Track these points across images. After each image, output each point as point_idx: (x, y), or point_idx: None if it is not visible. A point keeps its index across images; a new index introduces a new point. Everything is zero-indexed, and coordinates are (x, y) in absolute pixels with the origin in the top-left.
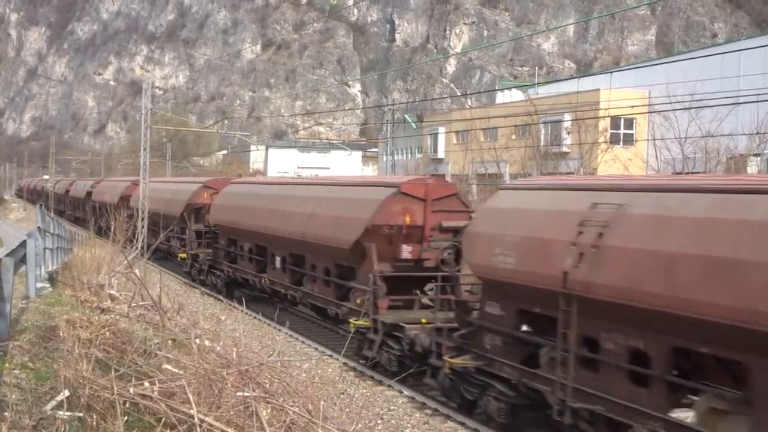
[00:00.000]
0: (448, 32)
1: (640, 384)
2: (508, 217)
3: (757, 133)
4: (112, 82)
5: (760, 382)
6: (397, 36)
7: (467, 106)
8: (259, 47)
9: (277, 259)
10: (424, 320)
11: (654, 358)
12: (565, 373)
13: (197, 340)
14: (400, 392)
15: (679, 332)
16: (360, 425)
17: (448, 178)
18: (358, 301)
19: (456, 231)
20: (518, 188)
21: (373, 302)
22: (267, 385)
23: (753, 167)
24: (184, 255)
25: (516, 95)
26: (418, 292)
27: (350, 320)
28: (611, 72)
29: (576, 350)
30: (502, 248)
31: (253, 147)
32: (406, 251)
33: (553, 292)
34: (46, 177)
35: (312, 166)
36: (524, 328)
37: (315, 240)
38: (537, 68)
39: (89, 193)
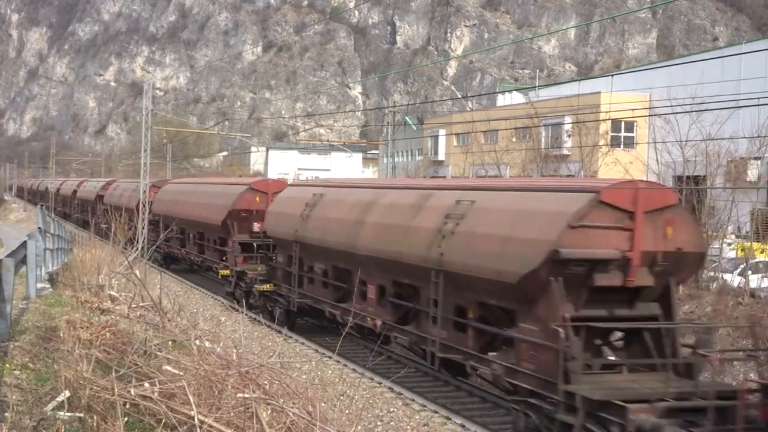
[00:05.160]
0: (449, 35)
1: (326, 287)
2: (283, 202)
3: (758, 137)
4: (112, 83)
5: (423, 296)
6: (398, 38)
7: (468, 109)
8: (260, 49)
9: (191, 236)
10: (259, 268)
11: (328, 272)
12: (296, 285)
13: (197, 342)
14: (400, 394)
15: (334, 257)
16: (360, 427)
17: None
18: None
19: None
20: (294, 185)
21: (233, 259)
22: (267, 387)
23: (753, 170)
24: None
25: (517, 98)
26: (267, 254)
27: (220, 270)
28: (612, 75)
29: (299, 272)
30: (279, 219)
31: (253, 148)
32: (256, 226)
33: (293, 241)
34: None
35: (312, 168)
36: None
37: (205, 221)
38: (538, 71)
39: (75, 192)
